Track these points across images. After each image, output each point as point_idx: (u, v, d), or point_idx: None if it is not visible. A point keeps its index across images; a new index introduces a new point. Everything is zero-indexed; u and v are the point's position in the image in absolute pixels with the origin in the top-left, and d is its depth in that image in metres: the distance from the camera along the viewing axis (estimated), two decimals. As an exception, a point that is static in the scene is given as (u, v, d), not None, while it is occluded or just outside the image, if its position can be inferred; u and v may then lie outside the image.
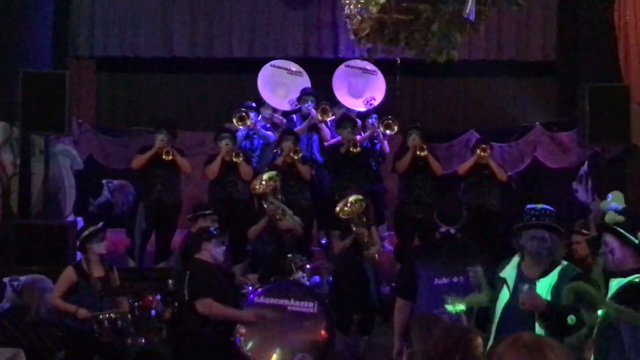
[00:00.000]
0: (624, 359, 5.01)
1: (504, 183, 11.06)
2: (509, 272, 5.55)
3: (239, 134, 11.35)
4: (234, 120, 11.32)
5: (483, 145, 10.99)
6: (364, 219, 9.35)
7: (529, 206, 5.69)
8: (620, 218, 5.60)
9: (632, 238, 5.32)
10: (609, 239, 5.36)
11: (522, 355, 2.98)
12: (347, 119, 11.52)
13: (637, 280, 5.12)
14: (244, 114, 11.33)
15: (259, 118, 11.82)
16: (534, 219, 5.56)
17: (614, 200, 4.85)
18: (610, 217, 5.18)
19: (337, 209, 9.37)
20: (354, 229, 9.23)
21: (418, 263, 6.60)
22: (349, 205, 9.35)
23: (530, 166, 12.47)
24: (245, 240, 10.73)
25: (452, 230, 6.62)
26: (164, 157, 10.64)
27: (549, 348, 3.00)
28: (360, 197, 9.45)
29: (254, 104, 11.95)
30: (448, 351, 4.62)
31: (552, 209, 5.68)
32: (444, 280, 6.47)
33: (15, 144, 11.25)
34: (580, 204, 11.95)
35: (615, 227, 5.43)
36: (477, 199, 10.70)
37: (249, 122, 11.31)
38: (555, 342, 3.09)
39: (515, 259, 5.59)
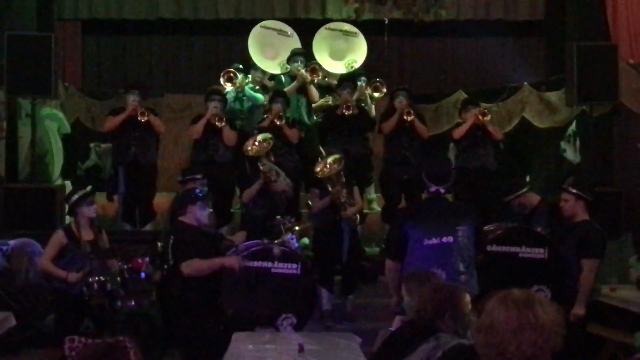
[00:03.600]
0: None
1: (497, 142, 10.98)
2: None
3: (229, 97, 11.27)
4: (222, 81, 11.21)
5: (485, 110, 10.79)
6: (343, 179, 9.16)
7: None
8: None
9: None
10: None
11: (512, 311, 2.98)
12: (347, 79, 11.34)
13: None
14: (231, 74, 11.24)
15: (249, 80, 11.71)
16: None
17: None
18: None
19: (317, 169, 9.28)
20: (330, 189, 9.10)
21: (408, 224, 6.55)
22: (327, 166, 9.21)
23: (519, 126, 12.43)
24: (228, 203, 10.72)
25: (442, 190, 6.59)
26: (139, 118, 10.39)
27: (538, 304, 3.01)
28: (337, 156, 9.29)
29: (241, 66, 11.84)
30: (438, 308, 4.66)
31: None
32: (434, 241, 6.42)
33: (1, 107, 11.18)
34: (569, 163, 11.98)
35: None
36: (475, 161, 10.57)
37: (237, 83, 11.24)
38: (545, 299, 3.10)
39: None
